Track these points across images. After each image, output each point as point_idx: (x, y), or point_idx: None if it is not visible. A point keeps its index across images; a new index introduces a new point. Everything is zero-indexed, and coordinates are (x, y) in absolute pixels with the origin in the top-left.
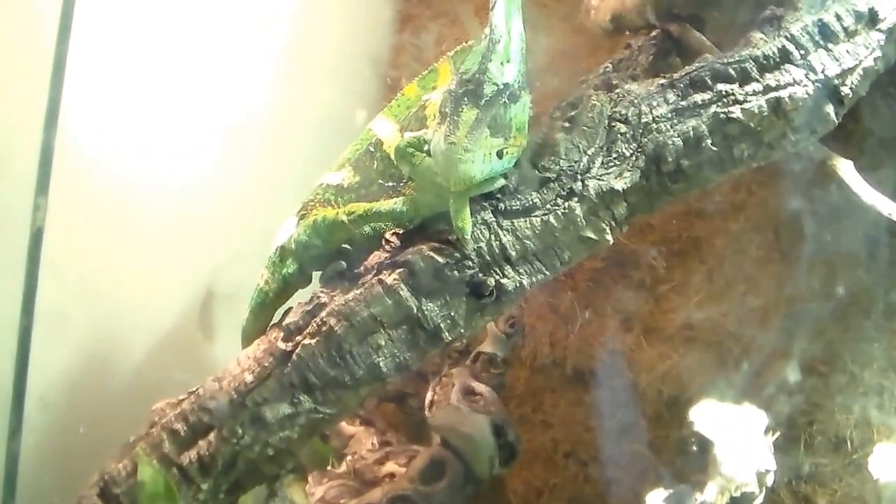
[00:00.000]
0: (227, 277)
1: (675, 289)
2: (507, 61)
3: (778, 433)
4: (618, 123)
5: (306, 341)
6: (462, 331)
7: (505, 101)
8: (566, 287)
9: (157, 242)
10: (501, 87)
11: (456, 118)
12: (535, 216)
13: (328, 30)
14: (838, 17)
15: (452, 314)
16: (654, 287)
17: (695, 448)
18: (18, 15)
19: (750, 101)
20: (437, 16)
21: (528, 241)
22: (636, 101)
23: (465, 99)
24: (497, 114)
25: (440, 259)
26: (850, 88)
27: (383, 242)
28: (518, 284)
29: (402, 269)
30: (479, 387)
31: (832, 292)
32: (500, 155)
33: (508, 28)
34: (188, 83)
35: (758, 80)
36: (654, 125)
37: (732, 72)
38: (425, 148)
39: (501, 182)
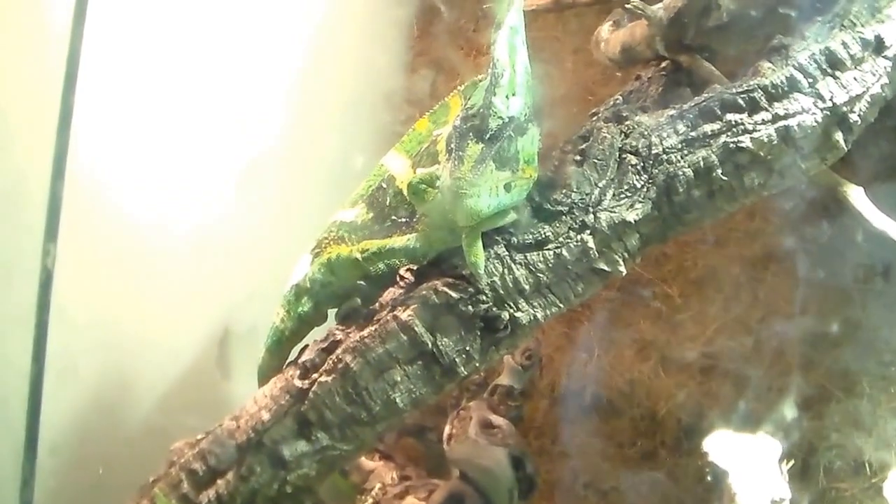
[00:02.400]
0: (245, 315)
1: (692, 317)
2: (513, 94)
3: (792, 462)
4: (628, 155)
5: (322, 378)
6: (477, 365)
7: (510, 135)
8: (583, 317)
9: (173, 282)
10: (506, 120)
11: (461, 153)
12: (548, 249)
13: (341, 66)
14: (845, 45)
15: (467, 349)
16: (671, 316)
17: (709, 478)
18: (26, 60)
19: (759, 131)
20: (450, 51)
21: (541, 275)
22: (646, 133)
23: (470, 134)
24: (502, 147)
25: (454, 294)
26: (859, 115)
27: (398, 279)
28: (532, 318)
29: (416, 305)
30: (497, 419)
31: (850, 317)
32: (507, 188)
33: (513, 61)
34: (200, 122)
35: (766, 109)
36: (665, 156)
37: (741, 101)
38: (437, 184)
39: (513, 216)
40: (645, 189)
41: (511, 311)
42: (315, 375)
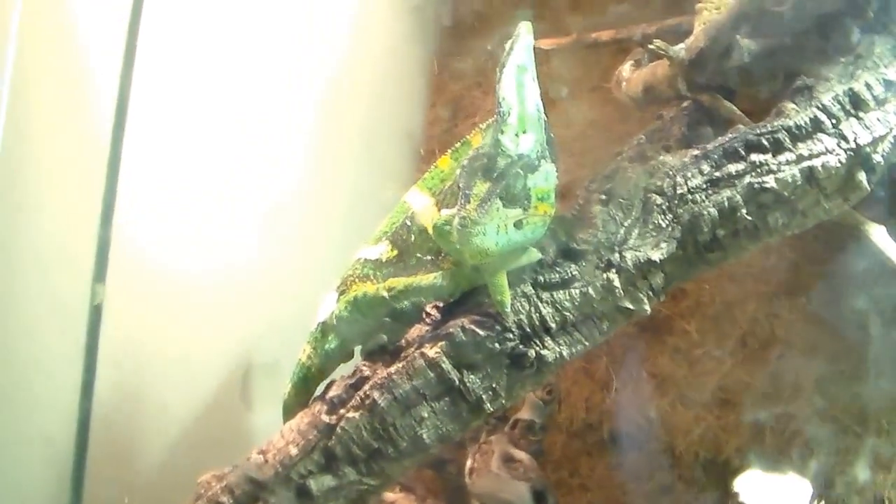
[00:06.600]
0: (268, 349)
1: (708, 352)
2: (524, 132)
3: (822, 502)
4: (653, 195)
5: (350, 414)
6: (504, 402)
7: (517, 172)
8: (601, 352)
9: (199, 318)
10: (515, 158)
11: (468, 192)
12: (574, 288)
13: (362, 103)
14: (868, 86)
15: (494, 386)
16: (688, 351)
17: None
18: (75, 116)
19: (783, 171)
20: (469, 87)
21: (567, 313)
22: (671, 173)
23: (478, 173)
24: (509, 184)
25: (481, 332)
26: (882, 156)
27: (424, 316)
28: (558, 355)
29: (443, 342)
30: (519, 454)
31: (866, 352)
32: (518, 226)
33: (522, 98)
34: (227, 161)
35: (791, 150)
36: (690, 196)
37: (765, 142)
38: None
39: (537, 255)
40: (670, 228)
41: (537, 348)
42: (342, 411)
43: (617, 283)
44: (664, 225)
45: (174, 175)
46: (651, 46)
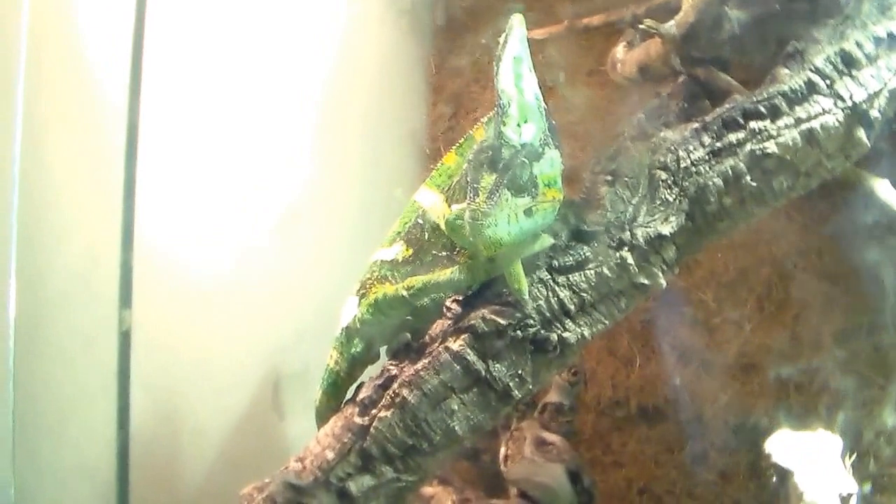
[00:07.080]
0: (295, 356)
1: (727, 320)
2: (525, 122)
3: (855, 455)
4: (658, 171)
5: (382, 414)
6: (531, 387)
7: (522, 161)
8: (622, 329)
9: (225, 333)
10: (519, 147)
11: (476, 185)
12: (589, 269)
13: (363, 106)
14: (859, 45)
15: (520, 372)
16: (707, 320)
17: (774, 479)
18: (88, 145)
19: (783, 135)
20: (467, 83)
21: (584, 294)
22: (673, 148)
23: (484, 165)
24: (515, 174)
25: (502, 321)
26: (879, 111)
27: (445, 310)
28: (580, 336)
29: (466, 335)
30: (551, 437)
31: (882, 304)
32: (528, 213)
33: (520, 89)
34: (239, 175)
35: (788, 114)
36: (694, 168)
37: (763, 109)
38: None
39: (550, 240)
40: (677, 202)
41: (559, 332)
42: (374, 411)
43: (630, 260)
44: (671, 199)
45: (187, 191)
46: (642, 26)
